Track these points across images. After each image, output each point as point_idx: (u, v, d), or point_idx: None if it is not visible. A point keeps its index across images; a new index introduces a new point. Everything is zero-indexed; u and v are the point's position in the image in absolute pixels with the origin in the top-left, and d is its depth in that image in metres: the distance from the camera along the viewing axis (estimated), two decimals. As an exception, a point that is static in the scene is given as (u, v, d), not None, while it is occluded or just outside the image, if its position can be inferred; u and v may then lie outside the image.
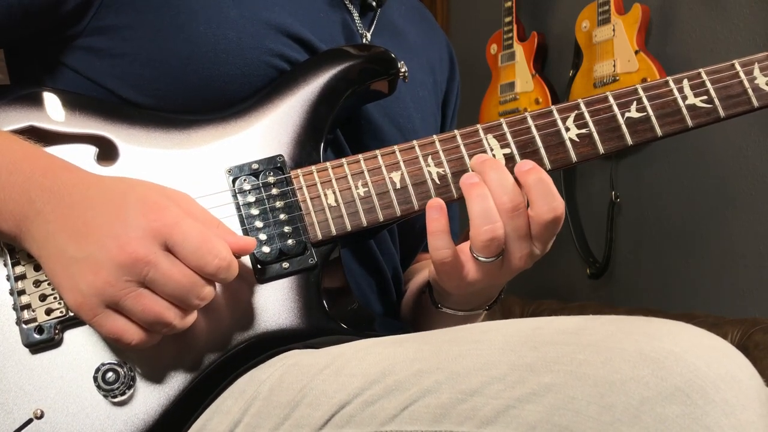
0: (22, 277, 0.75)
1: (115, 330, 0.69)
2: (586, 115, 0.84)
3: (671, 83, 0.85)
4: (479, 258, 0.78)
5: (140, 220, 0.68)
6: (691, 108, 0.84)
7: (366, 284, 0.93)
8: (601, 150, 0.83)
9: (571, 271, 2.74)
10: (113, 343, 0.72)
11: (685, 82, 0.85)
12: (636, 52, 2.35)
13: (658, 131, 0.84)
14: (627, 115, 0.84)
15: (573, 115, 0.84)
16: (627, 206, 2.56)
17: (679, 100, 0.84)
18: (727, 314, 2.08)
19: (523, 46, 2.79)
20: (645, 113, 0.83)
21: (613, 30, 2.41)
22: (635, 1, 2.41)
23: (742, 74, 0.85)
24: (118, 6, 0.82)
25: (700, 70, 0.85)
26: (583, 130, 0.83)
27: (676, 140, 2.35)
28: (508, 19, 2.82)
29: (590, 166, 2.67)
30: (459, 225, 1.08)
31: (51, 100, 0.81)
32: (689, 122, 0.84)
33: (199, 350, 0.76)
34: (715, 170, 2.31)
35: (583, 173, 2.71)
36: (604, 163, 2.58)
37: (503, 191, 0.76)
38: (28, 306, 0.74)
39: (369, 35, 0.97)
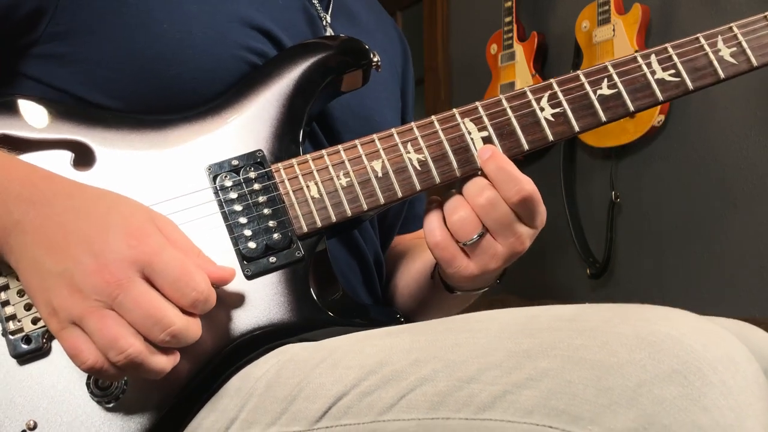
0: (5, 287, 0.74)
1: (72, 346, 0.67)
2: (560, 94, 0.85)
3: (639, 59, 0.87)
4: (461, 243, 0.81)
5: (121, 243, 0.67)
6: (661, 82, 0.86)
7: (351, 272, 0.94)
8: (576, 127, 0.85)
9: (571, 271, 2.75)
10: (71, 359, 0.68)
11: (653, 57, 0.87)
12: (636, 52, 2.37)
13: (630, 106, 0.86)
14: (599, 92, 0.86)
15: (546, 95, 0.85)
16: (627, 206, 2.58)
17: (648, 75, 0.86)
18: (727, 314, 2.11)
19: (523, 46, 2.80)
20: (616, 89, 0.86)
21: (613, 30, 2.42)
22: (635, 1, 2.42)
23: (706, 47, 0.88)
24: (74, 9, 0.80)
25: (667, 44, 0.88)
26: (558, 109, 0.85)
27: (677, 140, 2.40)
28: (508, 19, 2.82)
29: (590, 166, 2.69)
30: None
31: (23, 107, 0.79)
32: (659, 96, 0.86)
33: (192, 350, 0.75)
34: (715, 170, 2.33)
35: (583, 173, 2.72)
36: (604, 163, 2.60)
37: (476, 191, 0.80)
38: (13, 317, 0.73)
39: (328, 17, 0.97)
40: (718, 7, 2.30)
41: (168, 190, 0.79)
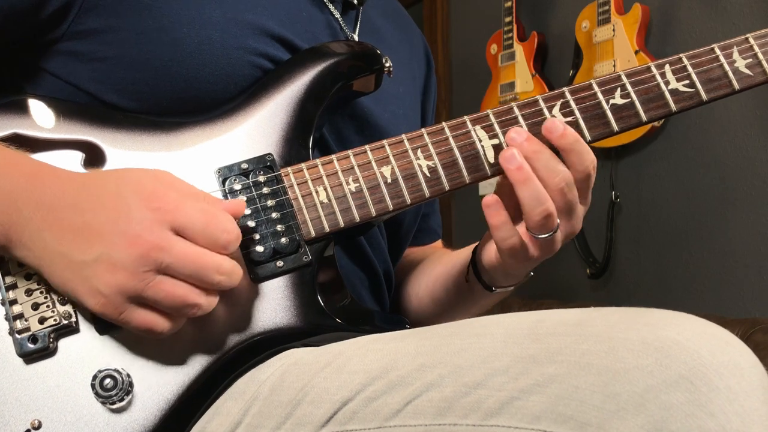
0: (12, 286, 0.76)
1: (144, 323, 0.71)
2: (572, 103, 0.87)
3: (653, 69, 0.88)
4: (538, 236, 0.82)
5: (142, 211, 0.70)
6: (674, 92, 0.87)
7: (358, 281, 0.95)
8: (588, 137, 0.87)
9: (571, 271, 2.78)
10: (145, 335, 0.73)
11: (667, 67, 0.88)
12: (636, 52, 2.39)
13: (643, 116, 0.87)
14: (612, 101, 0.87)
15: (559, 103, 0.87)
16: (627, 206, 2.61)
17: (662, 86, 0.87)
18: (727, 314, 2.12)
19: (523, 46, 2.83)
20: (629, 99, 0.87)
21: (613, 30, 2.45)
22: (635, 1, 2.44)
23: (722, 58, 0.89)
24: (98, 10, 0.82)
25: (681, 55, 0.89)
26: (570, 118, 0.86)
27: (677, 140, 2.41)
28: (508, 19, 2.85)
29: None
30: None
31: (34, 106, 0.82)
32: (673, 107, 0.87)
33: (198, 353, 0.77)
34: (715, 170, 2.35)
35: None
36: (604, 163, 2.62)
37: (553, 174, 0.81)
38: (20, 316, 0.75)
39: (356, 36, 0.99)
40: (718, 7, 2.32)
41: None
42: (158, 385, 0.77)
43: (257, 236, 0.81)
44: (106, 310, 0.71)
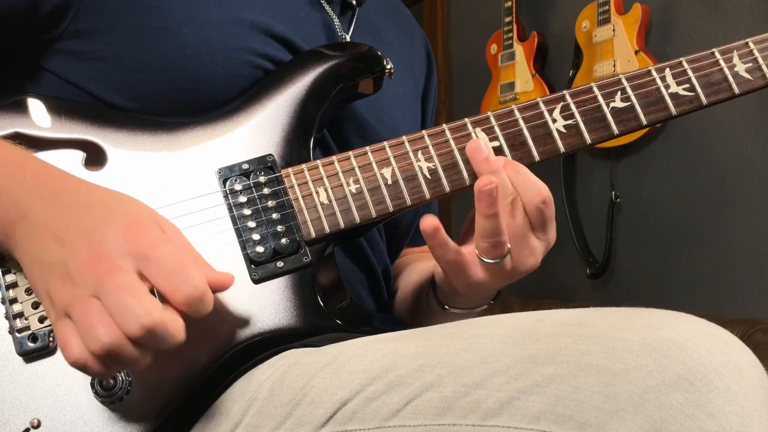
0: (13, 285, 0.76)
1: (61, 338, 0.66)
2: (572, 105, 0.87)
3: (654, 72, 0.89)
4: (485, 260, 0.83)
5: (118, 235, 0.67)
6: (674, 96, 0.88)
7: (357, 282, 0.96)
8: (588, 140, 0.87)
9: (571, 271, 2.79)
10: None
11: (667, 71, 0.89)
12: (636, 52, 2.40)
13: (643, 120, 0.88)
14: (612, 104, 0.88)
15: (559, 106, 0.88)
16: (627, 206, 2.61)
17: (662, 89, 0.88)
18: (727, 314, 2.12)
19: (523, 46, 2.84)
20: (629, 102, 0.88)
21: (613, 30, 2.46)
22: (635, 1, 2.45)
23: (722, 62, 0.90)
24: (97, 9, 0.82)
25: (681, 59, 0.90)
26: (570, 121, 0.87)
27: (676, 140, 2.42)
28: (508, 19, 2.86)
29: (590, 166, 2.72)
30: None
31: (36, 105, 0.82)
32: (673, 110, 0.88)
33: (197, 353, 0.77)
34: (715, 170, 2.36)
35: (583, 173, 2.75)
36: (604, 163, 2.64)
37: (505, 193, 0.81)
38: (20, 314, 0.75)
39: (348, 37, 0.99)
40: (718, 7, 2.33)
41: (178, 192, 0.81)
42: (158, 384, 0.77)
43: (258, 237, 0.81)
44: (48, 313, 0.69)
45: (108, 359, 0.65)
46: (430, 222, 0.82)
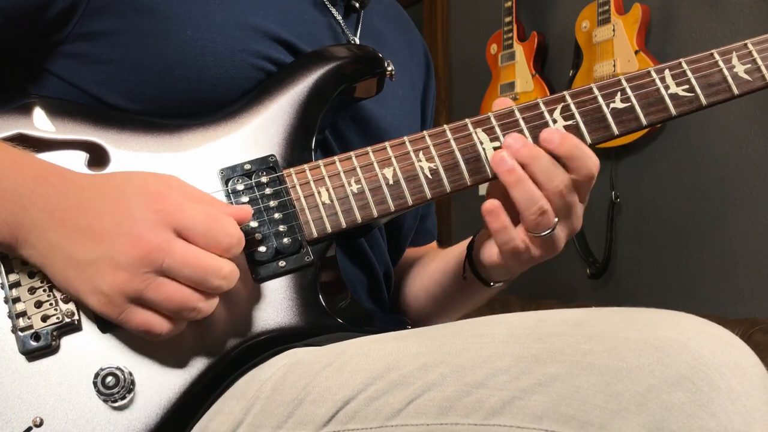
0: (16, 284, 0.77)
1: (142, 324, 0.72)
2: (572, 106, 0.88)
3: (653, 73, 0.89)
4: (537, 235, 0.84)
5: (145, 212, 0.71)
6: (674, 97, 0.88)
7: (358, 282, 0.96)
8: (588, 140, 0.88)
9: (571, 271, 2.80)
10: (143, 336, 0.74)
11: (667, 72, 0.90)
12: (636, 52, 2.41)
13: (643, 120, 0.88)
14: (612, 105, 0.89)
15: (560, 107, 0.88)
16: (627, 206, 2.63)
17: (662, 90, 0.89)
18: (727, 314, 2.13)
19: (523, 46, 2.85)
20: (629, 103, 0.88)
21: (613, 30, 2.47)
22: (635, 1, 2.46)
23: (721, 63, 0.90)
24: (103, 12, 0.83)
25: (681, 60, 0.90)
26: (570, 122, 0.88)
27: (676, 140, 2.43)
28: (508, 19, 2.87)
29: None
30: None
31: (39, 107, 0.82)
32: (672, 111, 0.88)
33: (200, 352, 0.78)
34: (715, 170, 2.37)
35: None
36: (604, 163, 2.63)
37: (551, 178, 0.82)
38: (23, 314, 0.76)
39: (357, 39, 1.00)
40: (718, 7, 2.34)
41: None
42: (160, 383, 0.77)
43: (260, 236, 0.81)
44: (106, 310, 0.72)
45: (185, 318, 0.73)
46: (491, 205, 0.84)
